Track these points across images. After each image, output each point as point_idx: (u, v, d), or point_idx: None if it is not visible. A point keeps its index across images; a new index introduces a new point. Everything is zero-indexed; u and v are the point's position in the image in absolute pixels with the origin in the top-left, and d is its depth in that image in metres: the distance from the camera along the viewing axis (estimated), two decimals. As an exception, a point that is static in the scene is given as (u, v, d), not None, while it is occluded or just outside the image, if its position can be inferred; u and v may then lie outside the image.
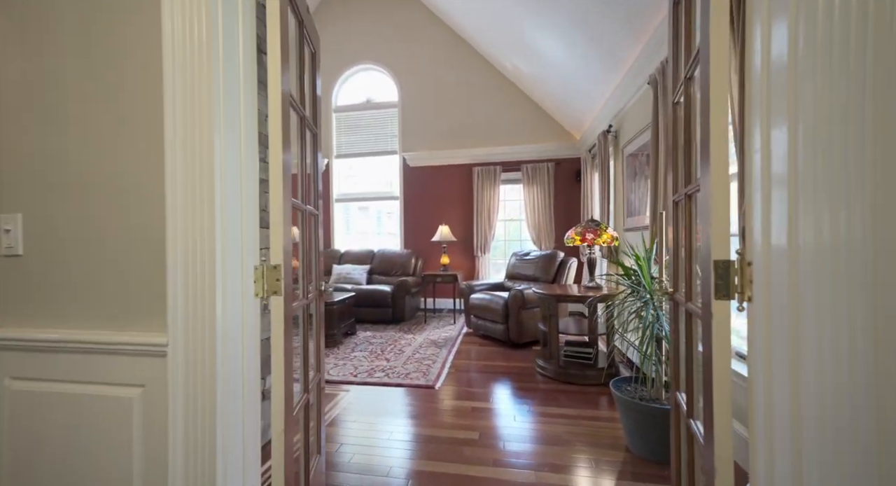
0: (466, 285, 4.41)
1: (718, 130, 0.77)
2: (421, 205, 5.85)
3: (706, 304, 0.82)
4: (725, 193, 0.77)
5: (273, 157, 1.00)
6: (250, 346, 0.98)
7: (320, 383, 1.56)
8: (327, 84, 6.10)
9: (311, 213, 1.45)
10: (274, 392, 0.98)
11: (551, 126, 5.45)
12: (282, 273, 1.01)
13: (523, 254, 4.57)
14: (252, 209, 1.02)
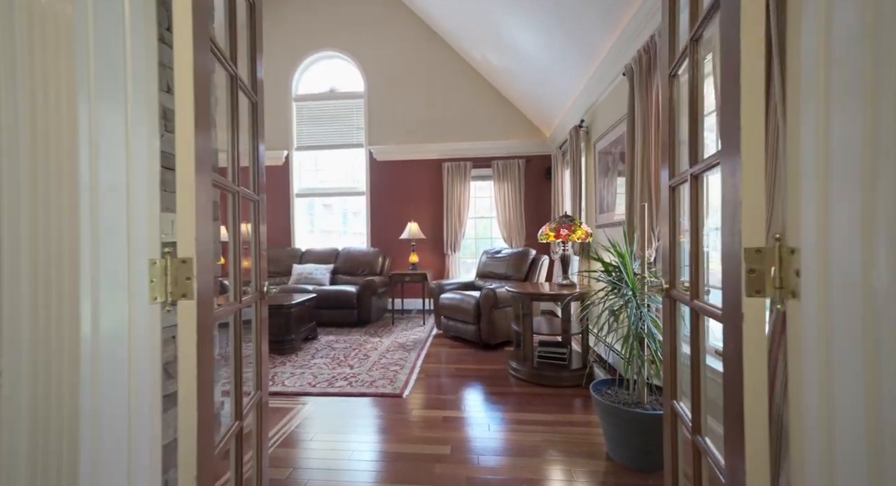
0: (436, 284, 4.21)
1: (752, 88, 0.62)
2: (389, 201, 5.59)
3: (732, 302, 0.67)
4: (759, 166, 0.62)
5: (180, 119, 0.75)
6: (144, 369, 0.72)
7: (262, 402, 1.30)
8: (286, 70, 5.68)
9: (247, 197, 1.20)
10: (181, 428, 0.73)
11: (522, 122, 5.37)
12: (193, 270, 0.76)
13: (494, 252, 4.44)
14: (146, 191, 0.76)
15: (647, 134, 2.16)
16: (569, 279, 2.99)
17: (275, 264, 5.28)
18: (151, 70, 0.77)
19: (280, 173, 5.73)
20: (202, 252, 0.79)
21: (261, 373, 1.30)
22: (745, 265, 0.62)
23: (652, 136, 2.11)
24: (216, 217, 1.60)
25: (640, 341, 1.69)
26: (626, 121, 2.51)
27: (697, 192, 0.91)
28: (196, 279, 0.76)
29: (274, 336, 3.44)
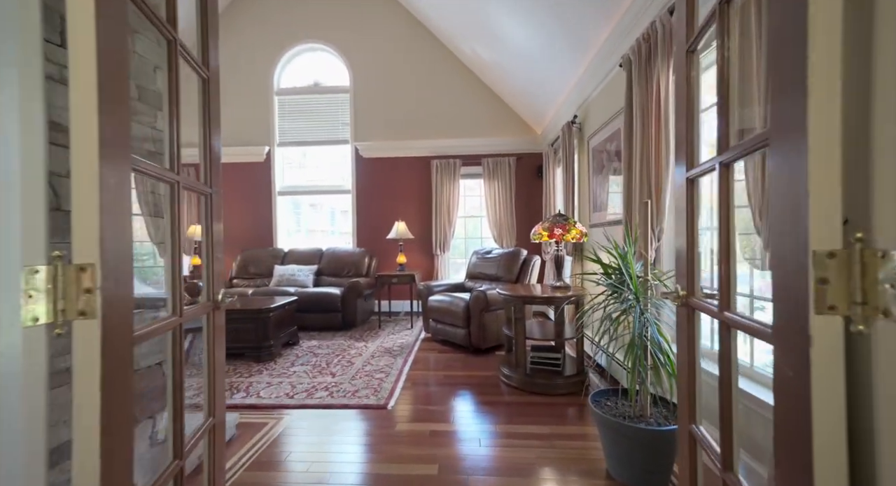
0: (424, 286, 4.04)
1: (827, 27, 0.47)
2: (375, 199, 5.39)
3: (791, 320, 0.52)
4: (833, 144, 0.47)
5: (77, 81, 0.57)
6: (15, 417, 0.54)
7: (215, 429, 1.12)
8: (267, 63, 5.43)
9: (193, 189, 1.01)
10: None
11: (512, 120, 5.23)
12: (96, 279, 0.58)
13: (485, 252, 4.29)
14: (20, 176, 0.58)
15: (647, 127, 2.03)
16: (563, 281, 2.86)
17: (255, 265, 5.04)
18: (30, 11, 0.58)
19: (261, 170, 5.48)
20: (111, 257, 0.61)
21: (213, 396, 1.11)
22: (815, 274, 0.48)
23: (653, 129, 1.99)
24: (154, 213, 1.41)
25: (643, 350, 1.56)
26: (624, 115, 2.39)
27: (728, 183, 0.76)
28: (101, 292, 0.58)
29: (251, 343, 3.22)
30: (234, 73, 5.45)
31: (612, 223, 2.83)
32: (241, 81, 5.45)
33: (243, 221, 5.50)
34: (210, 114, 1.11)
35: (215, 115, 1.15)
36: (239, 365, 3.12)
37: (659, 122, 1.95)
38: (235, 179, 5.49)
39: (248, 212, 5.50)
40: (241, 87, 5.45)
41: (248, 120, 5.47)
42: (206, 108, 1.11)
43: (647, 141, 2.04)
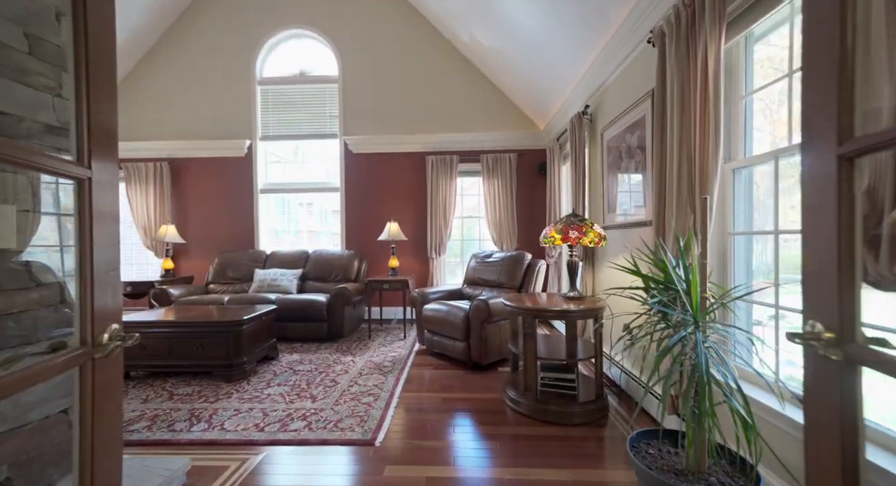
0: (419, 293, 3.67)
1: None
2: (366, 198, 5.01)
3: None
4: None
5: None
6: None
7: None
8: (249, 49, 5.02)
9: (47, 170, 0.64)
10: None
11: (514, 113, 4.89)
12: None
13: (485, 256, 3.94)
14: None
15: (689, 111, 1.69)
16: (576, 291, 2.51)
17: (234, 269, 4.63)
18: None
19: (241, 166, 5.06)
20: None
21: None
22: None
23: (696, 113, 1.64)
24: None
25: (704, 388, 1.21)
26: (654, 100, 2.05)
27: None
28: None
29: (220, 360, 2.82)
30: (212, 61, 5.03)
31: (632, 225, 2.50)
32: (219, 70, 5.03)
33: (222, 221, 5.08)
34: (85, 58, 0.73)
35: (102, 63, 0.77)
36: (206, 386, 2.72)
37: (706, 104, 1.61)
38: (213, 176, 5.07)
39: (227, 211, 5.07)
40: (220, 76, 5.03)
41: (228, 112, 5.05)
42: (81, 49, 0.73)
43: (689, 127, 1.70)
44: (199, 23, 5.04)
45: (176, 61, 5.05)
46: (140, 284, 4.12)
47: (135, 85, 5.09)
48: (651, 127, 2.21)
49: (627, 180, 2.59)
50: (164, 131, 5.07)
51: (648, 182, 2.26)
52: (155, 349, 2.84)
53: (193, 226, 5.07)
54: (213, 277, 4.63)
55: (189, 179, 5.08)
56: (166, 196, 4.97)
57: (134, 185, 4.96)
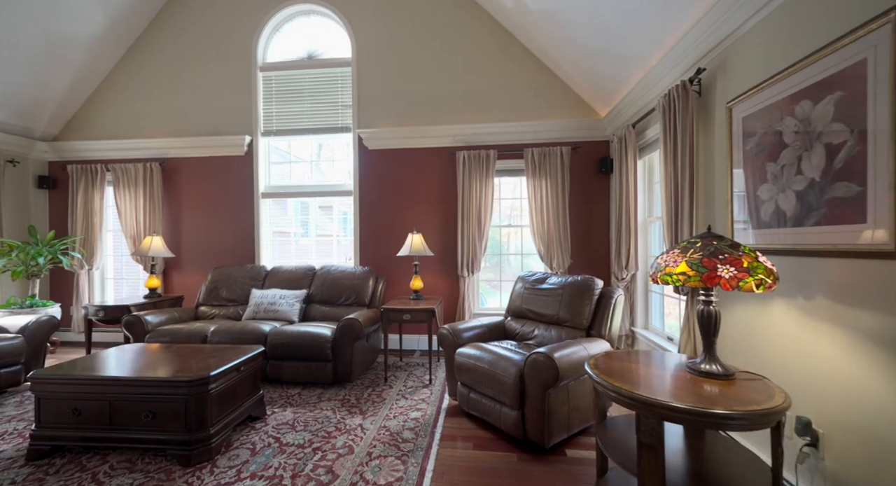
0: (449, 330, 2.77)
1: None
2: (383, 203, 4.17)
3: None
4: None
5: None
6: None
7: None
8: (250, 30, 4.29)
9: None
10: None
11: (567, 97, 3.92)
12: None
13: (535, 279, 2.99)
14: None
15: None
16: (716, 364, 1.52)
17: (228, 289, 3.89)
18: None
19: (241, 166, 4.34)
20: None
21: None
22: None
23: None
24: None
25: None
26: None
27: None
28: None
29: (177, 433, 2.02)
30: (209, 45, 4.33)
31: (820, 253, 1.50)
32: (216, 56, 4.33)
33: (218, 231, 4.37)
34: None
35: None
36: (151, 475, 1.92)
37: None
38: (209, 178, 4.37)
39: (225, 219, 4.36)
40: (217, 62, 4.33)
41: (225, 104, 4.34)
42: None
43: None
44: (191, 5, 4.36)
45: (168, 48, 4.39)
46: (113, 308, 3.44)
47: (124, 76, 4.47)
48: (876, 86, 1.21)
49: (802, 178, 1.59)
50: (156, 128, 4.43)
51: (881, 177, 1.27)
52: (92, 416, 2.07)
53: (187, 236, 4.40)
54: (204, 297, 3.91)
55: (182, 183, 4.41)
56: (157, 202, 4.31)
57: (122, 189, 4.32)
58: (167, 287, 4.42)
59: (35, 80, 4.02)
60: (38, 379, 2.08)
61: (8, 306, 3.86)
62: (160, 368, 2.17)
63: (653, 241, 3.23)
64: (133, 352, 2.48)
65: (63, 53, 4.01)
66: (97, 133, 4.52)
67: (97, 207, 4.40)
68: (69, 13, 3.78)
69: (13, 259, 3.87)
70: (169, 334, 3.20)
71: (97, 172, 4.39)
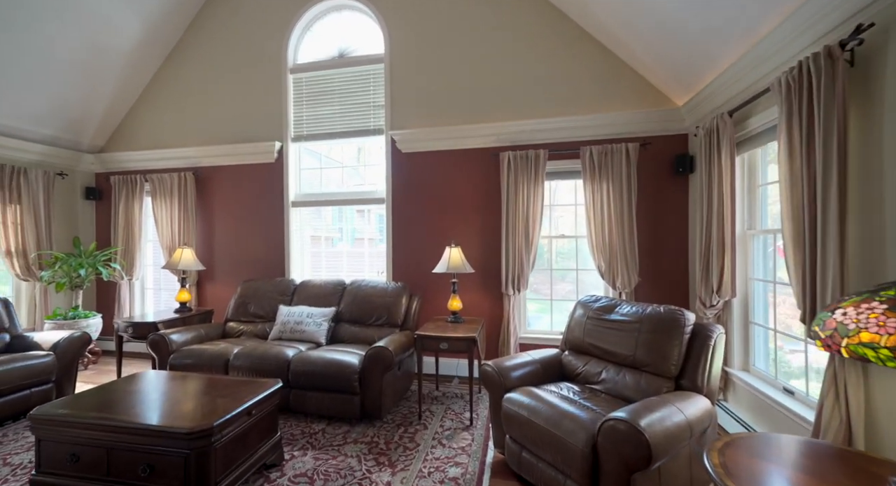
0: (494, 367, 2.29)
1: None
2: (418, 213, 3.77)
3: None
4: None
5: None
6: None
7: None
8: (280, 31, 4.08)
9: None
10: None
11: (633, 84, 3.30)
12: None
13: (601, 306, 2.43)
14: None
15: None
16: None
17: (257, 304, 3.67)
18: None
19: (271, 174, 4.13)
20: None
21: None
22: None
23: None
24: None
25: None
26: None
27: None
28: None
29: (176, 493, 1.72)
30: (239, 50, 4.18)
31: None
32: (246, 60, 4.16)
33: (248, 241, 4.20)
34: None
35: None
36: (145, 545, 1.62)
37: None
38: (239, 187, 4.21)
39: (255, 229, 4.18)
40: (248, 66, 4.16)
41: (256, 109, 4.16)
42: None
43: None
44: (224, 8, 4.23)
45: (201, 56, 4.30)
46: (141, 325, 3.32)
47: (161, 86, 4.44)
48: None
49: None
50: (190, 136, 4.35)
51: None
52: (90, 463, 1.83)
53: (219, 246, 4.27)
54: (232, 312, 3.72)
55: (214, 192, 4.29)
56: (191, 212, 4.22)
57: (159, 199, 4.28)
58: (200, 299, 4.32)
59: (80, 93, 4.07)
60: (37, 419, 1.88)
61: (54, 317, 3.90)
62: (164, 410, 1.89)
63: (755, 260, 2.54)
64: (143, 385, 2.24)
65: (104, 66, 4.02)
66: (137, 144, 4.54)
67: (136, 217, 4.40)
68: (109, 26, 3.76)
69: (57, 271, 3.92)
70: (192, 356, 3.00)
71: (136, 182, 4.39)
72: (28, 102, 3.81)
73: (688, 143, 3.18)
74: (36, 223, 4.06)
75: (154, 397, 2.07)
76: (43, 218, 4.12)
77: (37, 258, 4.03)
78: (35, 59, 3.58)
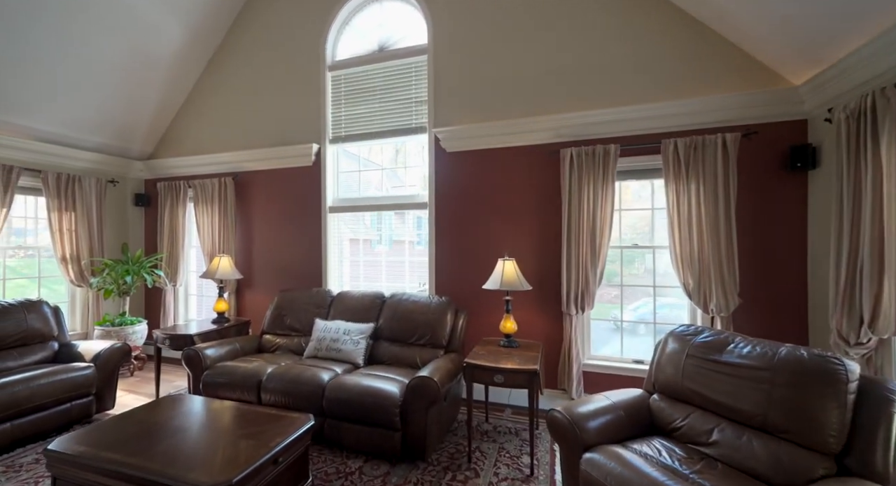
0: (567, 417, 1.82)
1: None
2: (464, 219, 3.38)
3: None
4: None
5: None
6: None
7: None
8: (318, 28, 3.86)
9: None
10: None
11: (731, 60, 2.69)
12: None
13: (706, 342, 1.89)
14: None
15: None
16: None
17: (293, 315, 3.45)
18: None
19: (308, 178, 3.92)
20: None
21: None
22: None
23: None
24: None
25: None
26: None
27: None
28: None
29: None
30: (278, 51, 4.02)
31: None
32: (285, 60, 3.99)
33: (286, 248, 4.02)
34: None
35: None
36: None
37: None
38: (277, 192, 4.05)
39: (292, 235, 3.99)
40: (286, 67, 3.99)
41: (293, 111, 3.97)
42: None
43: None
44: (262, 8, 4.09)
45: (241, 59, 4.19)
46: (178, 338, 3.20)
47: (203, 91, 4.40)
48: None
49: None
50: (230, 141, 4.26)
51: None
52: (101, 512, 1.61)
53: (258, 253, 4.13)
54: (268, 324, 3.53)
55: (253, 197, 4.16)
56: (230, 218, 4.12)
57: (200, 205, 4.23)
58: (239, 307, 4.21)
59: (127, 101, 4.09)
60: (52, 456, 1.69)
61: (103, 323, 3.94)
62: (181, 454, 1.63)
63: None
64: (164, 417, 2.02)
65: (150, 73, 4.01)
66: (182, 149, 4.53)
67: (180, 223, 4.38)
68: (153, 32, 3.73)
69: (105, 278, 3.95)
70: (225, 374, 2.80)
71: (180, 188, 4.37)
72: (80, 110, 3.87)
73: (807, 130, 2.52)
74: (89, 230, 4.14)
75: (173, 433, 1.83)
76: (95, 225, 4.19)
77: (89, 264, 4.09)
78: (85, 69, 3.61)
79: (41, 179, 3.81)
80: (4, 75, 3.28)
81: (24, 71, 3.33)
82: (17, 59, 3.24)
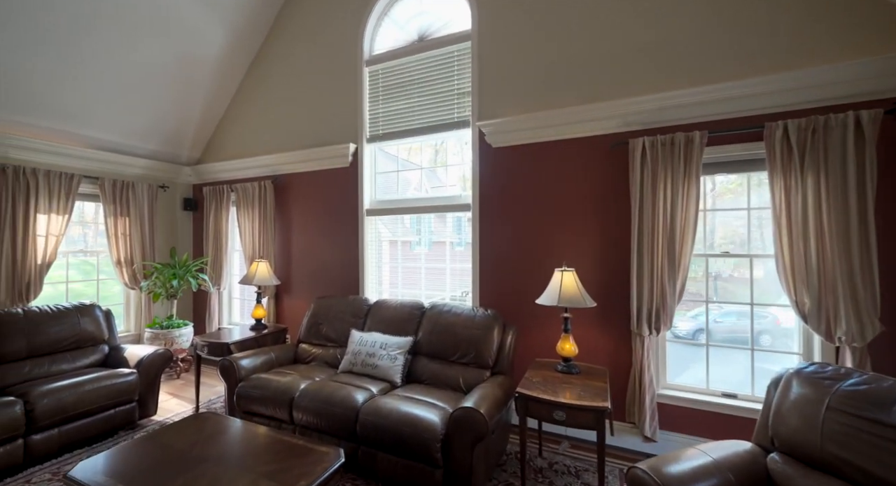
0: (655, 478, 1.40)
1: None
2: (513, 222, 3.00)
3: None
4: None
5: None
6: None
7: None
8: (355, 21, 3.67)
9: None
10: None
11: (857, 16, 2.09)
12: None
13: (858, 389, 1.38)
14: None
15: None
16: None
17: (329, 325, 3.27)
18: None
19: (345, 180, 3.75)
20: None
21: None
22: None
23: None
24: None
25: None
26: None
27: None
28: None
29: None
30: (316, 48, 3.88)
31: None
32: (322, 58, 3.85)
33: (323, 253, 3.87)
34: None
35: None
36: None
37: None
38: (314, 195, 3.91)
39: (329, 240, 3.84)
40: (323, 64, 3.84)
41: (330, 110, 3.82)
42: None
43: None
44: (301, 6, 3.98)
45: (280, 61, 4.12)
46: (216, 345, 3.13)
47: (245, 95, 4.39)
48: None
49: None
50: (270, 143, 4.20)
51: None
52: (113, 555, 1.44)
53: (296, 257, 4.03)
54: (304, 333, 3.38)
55: (291, 200, 4.07)
56: (269, 221, 4.05)
57: (242, 209, 4.21)
58: (278, 312, 4.13)
59: (175, 107, 4.16)
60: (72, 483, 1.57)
61: (153, 325, 4.02)
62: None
63: None
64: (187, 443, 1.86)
65: (195, 78, 4.04)
66: (226, 154, 4.57)
67: (223, 227, 4.41)
68: (196, 36, 3.74)
69: (154, 281, 4.03)
70: (259, 388, 2.65)
71: (224, 192, 4.39)
72: (131, 117, 3.98)
73: None
74: (141, 235, 4.26)
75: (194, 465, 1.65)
76: (147, 229, 4.31)
77: (140, 268, 4.21)
78: (134, 76, 3.68)
79: (98, 186, 3.95)
80: (61, 89, 3.40)
81: (78, 83, 3.44)
82: (70, 73, 3.34)
